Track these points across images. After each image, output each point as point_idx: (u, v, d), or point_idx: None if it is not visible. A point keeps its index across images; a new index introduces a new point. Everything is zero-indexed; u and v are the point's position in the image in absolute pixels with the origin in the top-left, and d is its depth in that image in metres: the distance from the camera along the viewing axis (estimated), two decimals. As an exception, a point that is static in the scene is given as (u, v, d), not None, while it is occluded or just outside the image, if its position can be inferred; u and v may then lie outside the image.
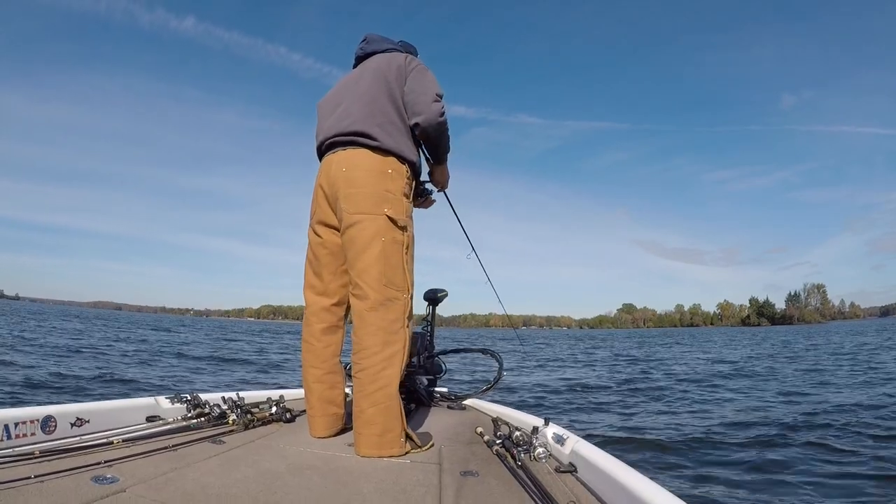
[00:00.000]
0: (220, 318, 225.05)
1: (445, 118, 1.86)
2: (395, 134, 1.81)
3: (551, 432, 1.74)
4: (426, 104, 1.81)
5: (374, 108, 1.81)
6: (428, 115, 1.81)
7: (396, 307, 1.74)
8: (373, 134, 1.78)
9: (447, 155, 2.05)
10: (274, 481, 1.36)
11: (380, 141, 1.78)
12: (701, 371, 11.54)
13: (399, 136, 1.82)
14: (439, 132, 1.87)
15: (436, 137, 1.89)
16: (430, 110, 1.81)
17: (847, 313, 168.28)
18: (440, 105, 1.82)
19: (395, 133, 1.81)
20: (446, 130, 1.91)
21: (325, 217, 1.87)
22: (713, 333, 63.56)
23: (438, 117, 1.82)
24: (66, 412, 1.63)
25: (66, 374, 7.50)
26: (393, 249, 1.75)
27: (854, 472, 3.50)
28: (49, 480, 1.19)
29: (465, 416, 2.41)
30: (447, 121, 1.87)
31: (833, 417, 5.34)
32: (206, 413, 1.94)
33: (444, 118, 1.85)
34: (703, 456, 4.04)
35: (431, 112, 1.81)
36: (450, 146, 2.00)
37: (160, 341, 18.42)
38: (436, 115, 1.81)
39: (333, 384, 1.89)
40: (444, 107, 1.84)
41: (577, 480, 1.42)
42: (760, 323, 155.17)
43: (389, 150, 1.79)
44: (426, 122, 1.82)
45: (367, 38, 2.04)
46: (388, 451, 1.65)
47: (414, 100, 1.82)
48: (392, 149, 1.80)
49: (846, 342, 23.58)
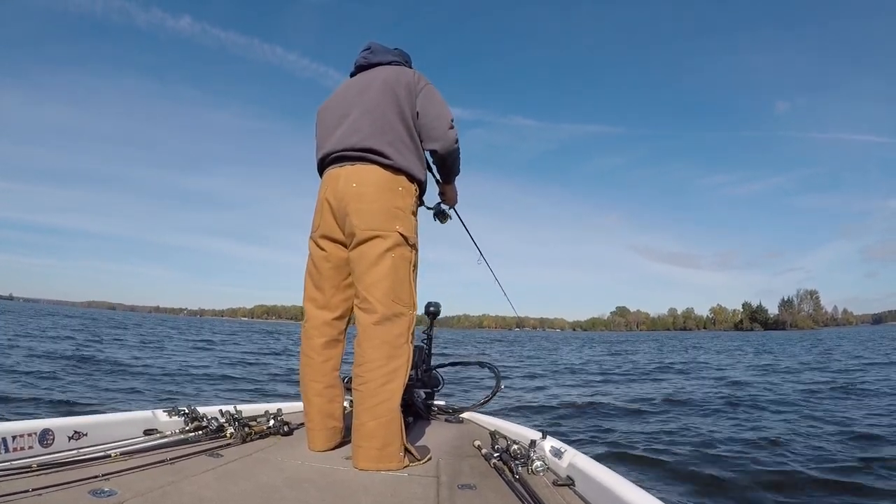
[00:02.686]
0: (213, 318, 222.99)
1: (459, 144, 1.93)
2: (405, 152, 1.82)
3: (549, 445, 1.74)
4: (443, 131, 1.86)
5: (385, 125, 1.81)
6: (444, 143, 1.88)
7: (402, 322, 1.76)
8: (385, 152, 1.79)
9: (457, 175, 2.13)
10: (271, 495, 1.36)
11: (392, 159, 1.79)
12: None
13: (409, 155, 1.83)
14: (454, 157, 1.97)
15: (451, 163, 2.00)
16: (446, 137, 1.87)
17: (840, 320, 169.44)
18: (455, 132, 1.89)
19: (405, 151, 1.82)
20: (459, 155, 1.99)
21: (331, 231, 1.86)
22: (711, 338, 62.50)
23: (454, 144, 1.90)
24: (63, 425, 1.62)
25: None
26: (401, 266, 1.77)
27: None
28: (47, 494, 1.19)
29: (463, 429, 2.41)
30: (457, 139, 1.92)
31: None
32: (204, 426, 1.93)
33: (458, 144, 1.93)
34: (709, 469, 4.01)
35: (448, 139, 1.88)
36: (461, 168, 2.08)
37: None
38: (452, 142, 1.89)
39: (333, 398, 1.88)
40: (457, 132, 1.90)
41: (575, 494, 1.42)
42: (753, 328, 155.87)
43: (400, 169, 1.81)
44: (443, 149, 1.89)
45: (371, 48, 2.02)
46: (387, 464, 1.65)
47: (430, 125, 1.86)
48: (403, 167, 1.81)
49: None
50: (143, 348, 14.66)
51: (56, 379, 7.44)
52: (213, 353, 15.01)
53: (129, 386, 7.31)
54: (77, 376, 7.93)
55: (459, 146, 1.95)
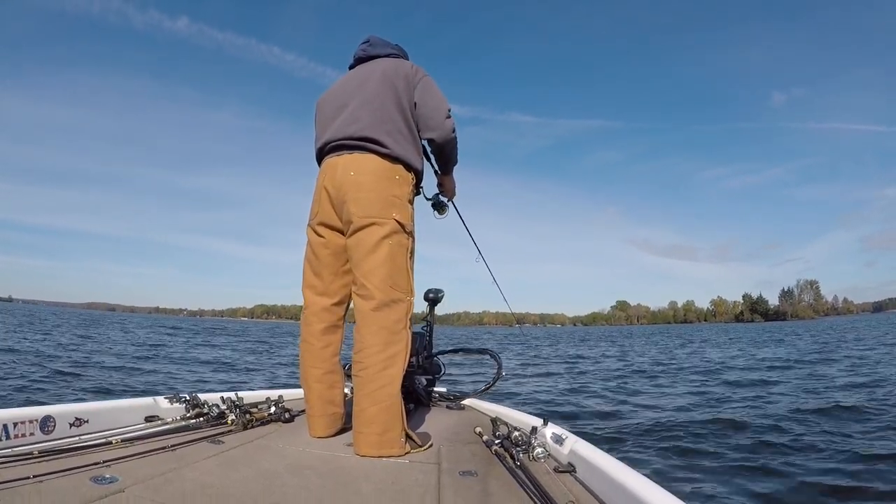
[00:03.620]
0: (213, 318, 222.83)
1: (456, 133, 1.96)
2: (402, 142, 1.85)
3: (550, 432, 1.74)
4: (440, 121, 1.90)
5: (384, 115, 1.84)
6: (442, 132, 1.91)
7: (400, 308, 1.77)
8: (383, 141, 1.81)
9: (455, 166, 2.17)
10: (273, 481, 1.36)
11: (390, 148, 1.81)
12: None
13: (406, 144, 1.86)
14: (452, 147, 2.01)
15: (448, 152, 2.04)
16: (443, 127, 1.91)
17: (840, 309, 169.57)
18: (452, 121, 1.93)
19: (402, 141, 1.85)
20: (456, 144, 2.03)
21: (329, 219, 1.88)
22: (716, 330, 61.93)
23: (451, 133, 1.94)
24: (64, 412, 1.63)
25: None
26: (399, 253, 1.79)
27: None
28: (48, 480, 1.19)
29: (464, 416, 2.42)
30: (454, 130, 1.95)
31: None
32: (205, 413, 1.94)
33: (455, 133, 1.96)
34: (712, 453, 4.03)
35: (445, 129, 1.91)
36: (458, 158, 2.10)
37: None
38: (449, 131, 1.93)
39: (333, 384, 1.89)
40: (454, 122, 1.93)
41: (576, 480, 1.43)
42: (754, 319, 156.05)
43: (397, 158, 1.83)
44: (441, 138, 1.93)
45: (370, 41, 2.05)
46: (388, 450, 1.66)
47: (427, 115, 1.89)
48: (400, 156, 1.83)
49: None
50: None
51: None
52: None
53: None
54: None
55: (457, 136, 1.98)
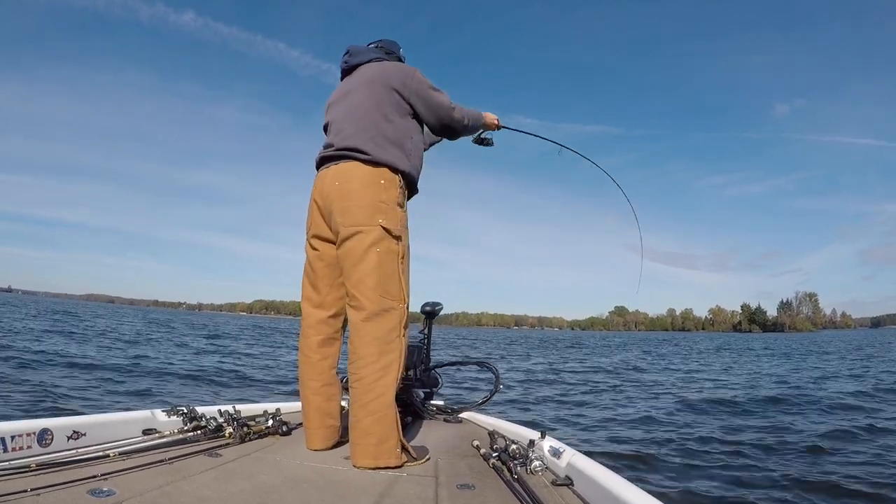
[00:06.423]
0: (212, 312, 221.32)
1: (462, 116, 2.07)
2: (385, 146, 1.85)
3: (548, 445, 1.74)
4: (448, 119, 2.03)
5: (368, 123, 1.86)
6: (454, 128, 2.09)
7: (392, 317, 1.76)
8: (365, 148, 1.82)
9: (479, 122, 2.25)
10: (270, 494, 1.36)
11: (371, 154, 1.82)
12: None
13: (390, 148, 1.86)
14: (470, 129, 2.18)
15: (471, 131, 2.21)
16: (453, 122, 2.05)
17: (838, 323, 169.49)
18: (458, 112, 2.05)
19: (385, 145, 1.85)
20: (468, 122, 2.13)
21: (320, 231, 1.90)
22: (716, 339, 61.30)
23: (461, 122, 2.08)
24: (62, 425, 1.62)
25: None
26: (388, 259, 1.78)
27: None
28: (45, 494, 1.19)
29: (462, 428, 2.42)
30: (463, 116, 2.08)
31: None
32: (203, 426, 1.93)
33: (463, 117, 2.08)
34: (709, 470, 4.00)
35: (455, 124, 2.07)
36: (471, 122, 2.16)
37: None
38: (459, 123, 2.07)
39: (330, 396, 1.89)
40: (457, 110, 2.04)
41: (574, 494, 1.43)
42: (752, 329, 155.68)
43: (380, 162, 1.83)
44: (456, 133, 2.13)
45: (349, 51, 2.08)
46: (385, 461, 1.65)
47: (435, 122, 2.01)
48: (383, 159, 1.83)
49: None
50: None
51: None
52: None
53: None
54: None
55: (464, 115, 2.08)
